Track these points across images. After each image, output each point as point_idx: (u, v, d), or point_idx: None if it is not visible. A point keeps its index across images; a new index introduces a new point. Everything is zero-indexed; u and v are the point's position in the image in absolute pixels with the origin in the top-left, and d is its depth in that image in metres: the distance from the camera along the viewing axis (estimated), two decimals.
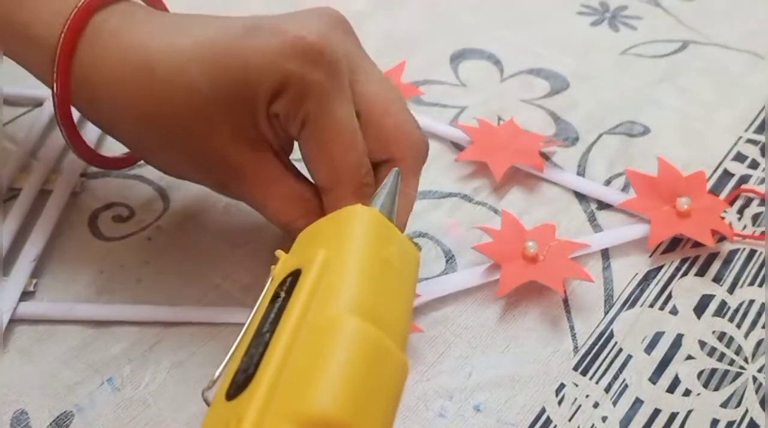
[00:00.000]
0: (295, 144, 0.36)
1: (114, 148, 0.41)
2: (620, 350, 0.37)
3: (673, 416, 0.35)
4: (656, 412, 0.35)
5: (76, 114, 0.36)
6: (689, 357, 0.37)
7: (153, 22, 0.34)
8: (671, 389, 0.36)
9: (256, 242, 0.41)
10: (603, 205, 0.44)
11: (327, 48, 0.32)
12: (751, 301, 0.40)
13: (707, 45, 0.56)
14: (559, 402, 0.35)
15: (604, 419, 0.35)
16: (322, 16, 0.34)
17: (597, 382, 0.36)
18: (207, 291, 0.39)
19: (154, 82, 0.32)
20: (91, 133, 0.46)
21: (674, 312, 0.39)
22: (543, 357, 0.37)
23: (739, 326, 0.39)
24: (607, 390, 0.36)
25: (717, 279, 0.41)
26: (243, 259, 0.41)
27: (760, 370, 0.37)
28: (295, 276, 0.22)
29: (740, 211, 0.44)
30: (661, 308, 0.39)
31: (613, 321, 0.39)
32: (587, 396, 0.36)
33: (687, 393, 0.36)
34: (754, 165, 0.47)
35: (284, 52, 0.31)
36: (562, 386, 0.36)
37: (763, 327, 0.39)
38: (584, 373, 0.36)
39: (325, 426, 0.18)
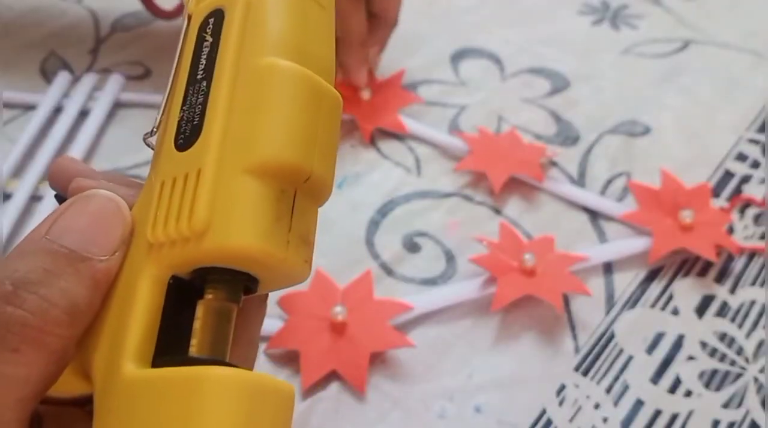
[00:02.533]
0: None
1: None
2: (621, 350, 0.37)
3: (674, 417, 0.35)
4: (657, 413, 0.35)
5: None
6: (690, 358, 0.37)
7: None
8: (672, 390, 0.36)
9: None
10: (605, 215, 0.44)
11: None
12: (753, 302, 0.39)
13: (708, 44, 0.56)
14: (560, 403, 0.35)
15: (605, 420, 0.35)
16: None
17: (598, 383, 0.36)
18: None
19: None
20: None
21: (675, 312, 0.39)
22: (544, 358, 0.37)
23: (740, 326, 0.38)
24: (608, 390, 0.36)
25: (718, 280, 0.40)
26: None
27: (761, 371, 0.37)
28: (217, 17, 0.21)
29: (742, 211, 0.44)
30: (663, 308, 0.39)
31: (614, 322, 0.38)
32: (588, 397, 0.35)
33: (688, 393, 0.36)
34: (755, 165, 0.47)
35: None
36: (563, 387, 0.36)
37: (765, 327, 0.38)
38: (585, 374, 0.36)
39: (279, 171, 0.19)
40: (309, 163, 0.19)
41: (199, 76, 0.21)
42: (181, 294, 0.20)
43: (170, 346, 0.19)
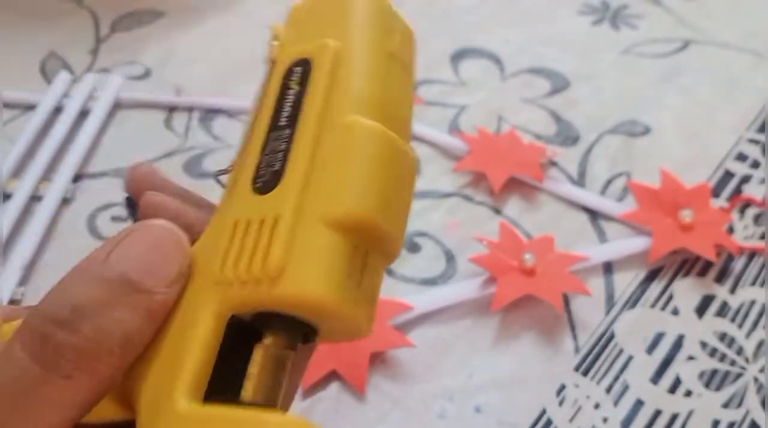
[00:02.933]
0: None
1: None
2: (621, 350, 0.37)
3: (674, 417, 0.35)
4: (657, 413, 0.35)
5: None
6: (690, 358, 0.37)
7: None
8: (672, 390, 0.36)
9: None
10: (605, 215, 0.44)
11: None
12: (753, 302, 0.40)
13: (708, 44, 0.56)
14: (560, 403, 0.35)
15: (605, 420, 0.35)
16: None
17: (598, 383, 0.36)
18: None
19: None
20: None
21: (675, 312, 0.39)
22: (544, 358, 0.37)
23: (740, 326, 0.38)
24: (608, 390, 0.36)
25: (718, 280, 0.40)
26: None
27: (761, 371, 0.37)
28: (304, 67, 0.22)
29: (742, 211, 0.44)
30: (663, 308, 0.39)
31: (614, 322, 0.38)
32: (588, 397, 0.35)
33: (688, 393, 0.36)
34: (755, 165, 0.47)
35: None
36: (563, 387, 0.36)
37: (765, 327, 0.38)
38: (585, 374, 0.36)
39: (356, 225, 0.19)
40: (384, 221, 0.20)
41: (281, 123, 0.21)
42: (238, 335, 0.20)
43: (222, 386, 0.19)
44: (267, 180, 0.20)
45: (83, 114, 0.48)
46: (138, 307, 0.19)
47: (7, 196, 0.42)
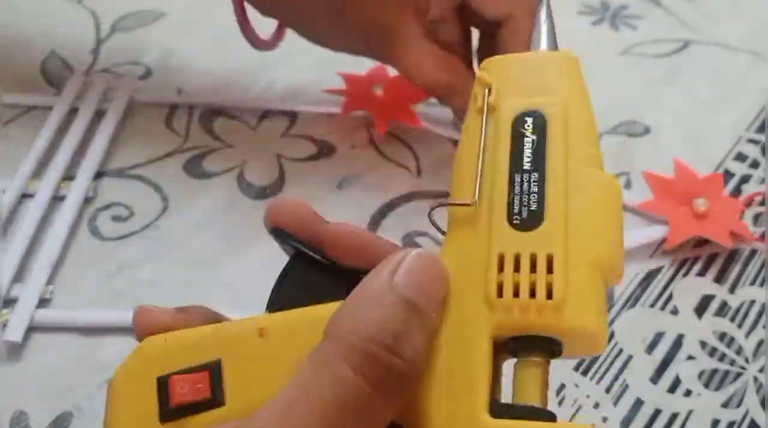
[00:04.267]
0: None
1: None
2: (621, 350, 0.37)
3: (673, 416, 0.35)
4: (657, 413, 0.35)
5: None
6: (690, 358, 0.37)
7: None
8: (672, 389, 0.36)
9: (256, 240, 0.41)
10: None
11: None
12: (752, 301, 0.40)
13: (708, 45, 0.56)
14: (560, 403, 0.35)
15: (605, 419, 0.35)
16: None
17: (598, 382, 0.36)
18: (208, 291, 0.39)
19: None
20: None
21: (675, 312, 0.39)
22: None
23: (740, 326, 0.38)
24: (607, 390, 0.36)
25: (718, 280, 0.40)
26: (242, 258, 0.41)
27: (760, 370, 0.37)
28: (536, 118, 0.25)
29: (741, 211, 0.44)
30: (662, 308, 0.39)
31: (614, 322, 0.38)
32: (588, 397, 0.35)
33: (688, 393, 0.36)
34: (754, 164, 0.47)
35: None
36: (562, 386, 0.36)
37: (764, 327, 0.39)
38: (585, 374, 0.36)
39: (609, 266, 0.23)
40: (622, 261, 0.23)
41: (525, 167, 0.24)
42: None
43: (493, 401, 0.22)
44: (525, 218, 0.23)
45: (79, 115, 0.48)
46: (424, 331, 0.21)
47: (29, 196, 0.43)
